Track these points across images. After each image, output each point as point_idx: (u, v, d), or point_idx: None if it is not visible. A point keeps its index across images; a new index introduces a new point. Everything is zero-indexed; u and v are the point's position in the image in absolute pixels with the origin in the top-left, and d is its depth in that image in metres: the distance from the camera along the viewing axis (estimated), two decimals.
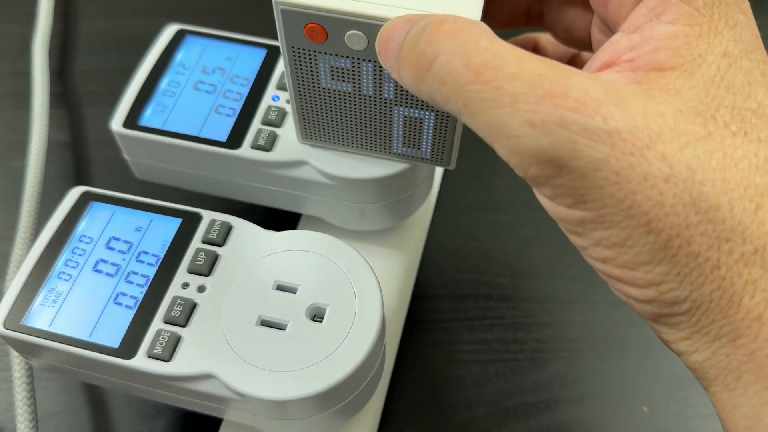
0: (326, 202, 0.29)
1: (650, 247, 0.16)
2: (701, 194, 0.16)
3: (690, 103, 0.17)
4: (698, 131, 0.16)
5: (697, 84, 0.17)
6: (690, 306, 0.17)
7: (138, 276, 0.25)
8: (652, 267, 0.17)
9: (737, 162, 0.16)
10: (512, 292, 0.34)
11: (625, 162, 0.16)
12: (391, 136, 0.25)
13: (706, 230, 0.16)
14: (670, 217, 0.16)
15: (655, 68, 0.17)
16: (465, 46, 0.17)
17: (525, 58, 0.17)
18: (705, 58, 0.17)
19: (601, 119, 0.16)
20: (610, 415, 0.31)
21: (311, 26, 0.21)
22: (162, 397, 0.25)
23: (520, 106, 0.16)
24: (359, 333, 0.23)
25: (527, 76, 0.16)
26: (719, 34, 0.18)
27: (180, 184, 0.30)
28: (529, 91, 0.16)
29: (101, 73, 0.42)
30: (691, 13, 0.18)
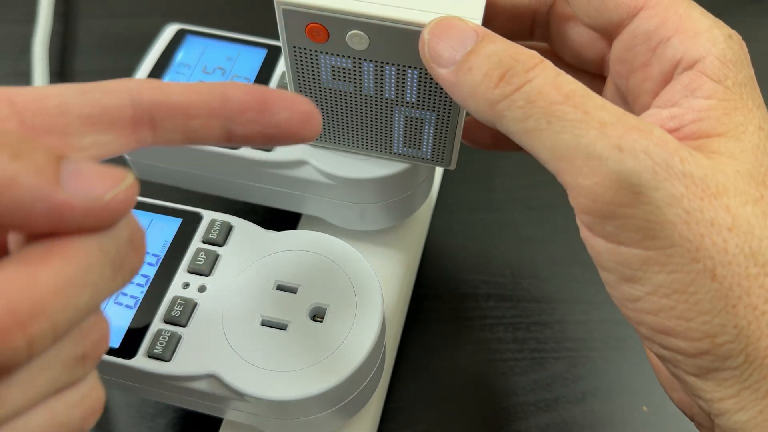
0: (326, 202, 0.29)
1: (712, 294, 0.16)
2: (760, 248, 0.17)
3: (745, 165, 0.18)
4: (753, 192, 0.17)
5: (747, 149, 0.18)
6: (744, 360, 0.17)
7: (138, 276, 0.25)
8: (711, 317, 0.17)
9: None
10: (512, 291, 0.34)
11: (696, 204, 0.16)
12: (392, 137, 0.25)
13: (764, 283, 0.17)
14: (732, 266, 0.16)
15: (703, 135, 0.18)
16: (556, 77, 0.18)
17: (607, 101, 0.18)
18: (746, 128, 0.18)
19: (678, 160, 0.17)
20: (610, 414, 0.31)
21: (313, 26, 0.21)
22: (162, 397, 0.25)
23: (609, 131, 0.17)
24: (359, 333, 0.23)
25: (614, 110, 0.17)
26: (751, 111, 0.19)
27: (180, 184, 0.30)
28: (617, 122, 0.17)
29: (101, 73, 0.42)
30: (723, 91, 0.18)
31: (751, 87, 0.19)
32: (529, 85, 0.18)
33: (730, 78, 0.19)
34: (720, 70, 0.19)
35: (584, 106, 0.17)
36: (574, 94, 0.17)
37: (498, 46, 0.19)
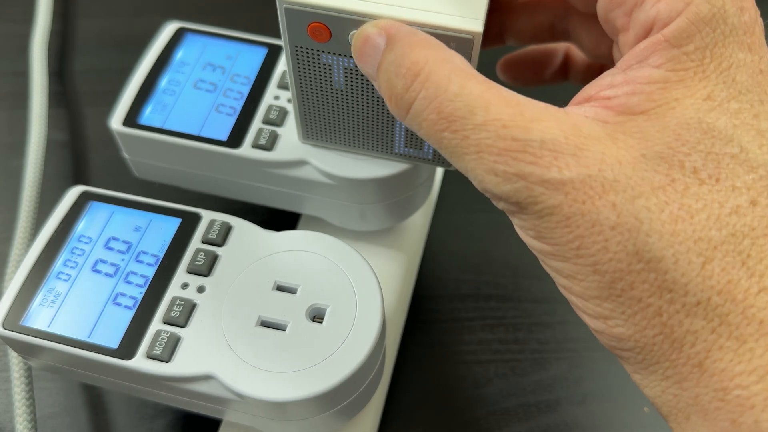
0: (327, 202, 0.29)
1: (597, 284, 0.18)
2: (645, 244, 0.17)
3: (655, 147, 0.17)
4: (657, 179, 0.17)
5: (667, 127, 0.17)
6: (634, 345, 0.18)
7: (137, 276, 0.25)
8: (600, 302, 0.18)
9: (694, 214, 0.17)
10: (513, 292, 0.34)
11: (576, 209, 0.17)
12: (393, 137, 0.25)
13: (648, 278, 0.17)
14: (613, 262, 0.17)
15: (625, 111, 0.18)
16: (436, 94, 0.18)
17: (492, 106, 0.18)
18: (681, 102, 0.18)
19: (556, 170, 0.17)
20: (611, 415, 0.30)
21: (315, 25, 0.21)
22: (161, 398, 0.25)
23: (484, 156, 0.18)
24: (359, 334, 0.23)
25: (492, 128, 0.18)
26: (705, 78, 0.18)
27: (180, 184, 0.30)
28: (493, 143, 0.17)
29: (100, 73, 0.42)
30: (678, 58, 0.18)
31: (724, 44, 0.18)
32: (413, 108, 0.19)
33: (694, 40, 0.18)
34: (684, 32, 0.18)
35: (464, 129, 0.18)
36: (454, 116, 0.18)
37: (390, 56, 0.19)
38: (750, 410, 0.16)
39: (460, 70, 0.18)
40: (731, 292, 0.16)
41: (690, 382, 0.17)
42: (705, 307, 0.17)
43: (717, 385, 0.16)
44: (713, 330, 0.17)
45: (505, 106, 0.18)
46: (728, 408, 0.16)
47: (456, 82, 0.18)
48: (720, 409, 0.16)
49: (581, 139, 0.17)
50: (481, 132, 0.18)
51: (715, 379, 0.17)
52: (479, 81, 0.18)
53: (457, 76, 0.18)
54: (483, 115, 0.18)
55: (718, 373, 0.16)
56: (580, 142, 0.17)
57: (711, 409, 0.17)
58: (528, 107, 0.18)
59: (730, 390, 0.16)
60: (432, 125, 0.18)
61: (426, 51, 0.19)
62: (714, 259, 0.17)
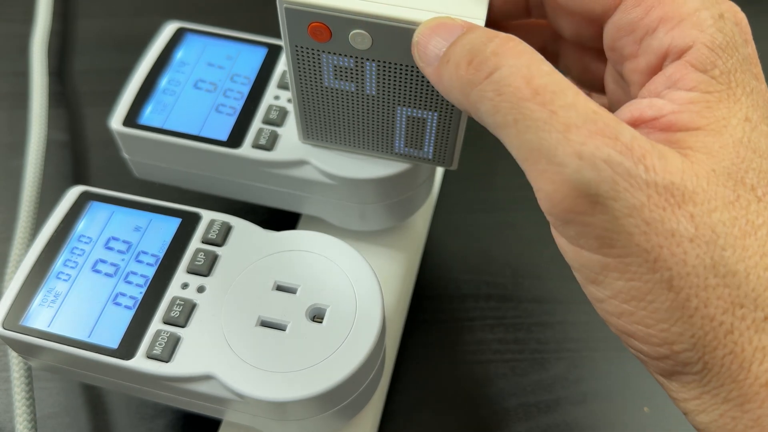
0: (327, 202, 0.29)
1: (669, 304, 0.17)
2: (722, 258, 0.16)
3: (722, 163, 0.17)
4: (728, 195, 0.17)
5: (727, 144, 0.17)
6: (702, 367, 0.17)
7: (137, 276, 0.25)
8: (669, 326, 0.17)
9: (757, 229, 0.17)
10: (513, 292, 0.34)
11: (657, 215, 0.16)
12: (393, 137, 0.25)
13: (723, 294, 0.16)
14: (690, 277, 0.16)
15: (681, 129, 0.18)
16: (529, 66, 0.17)
17: (581, 94, 0.17)
18: (729, 121, 0.18)
19: (643, 168, 0.16)
20: (612, 415, 0.30)
21: (315, 25, 0.21)
22: (161, 398, 0.25)
23: (572, 135, 0.16)
24: (359, 334, 0.23)
25: (583, 110, 0.17)
26: (738, 101, 0.18)
27: (180, 184, 0.30)
28: (582, 124, 0.16)
29: (100, 73, 0.42)
30: (708, 81, 0.18)
31: (742, 71, 0.18)
32: (498, 72, 0.17)
33: (718, 66, 0.18)
34: (707, 58, 0.18)
35: (552, 104, 0.17)
36: (544, 90, 0.17)
37: (474, 34, 0.18)
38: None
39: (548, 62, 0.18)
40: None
41: (754, 403, 0.16)
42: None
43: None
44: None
45: (592, 101, 0.17)
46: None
47: (547, 65, 0.18)
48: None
49: (662, 149, 0.17)
50: (571, 111, 0.17)
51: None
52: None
53: (548, 63, 0.18)
54: (573, 97, 0.17)
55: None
56: (662, 150, 0.17)
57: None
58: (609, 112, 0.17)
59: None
60: (515, 92, 0.17)
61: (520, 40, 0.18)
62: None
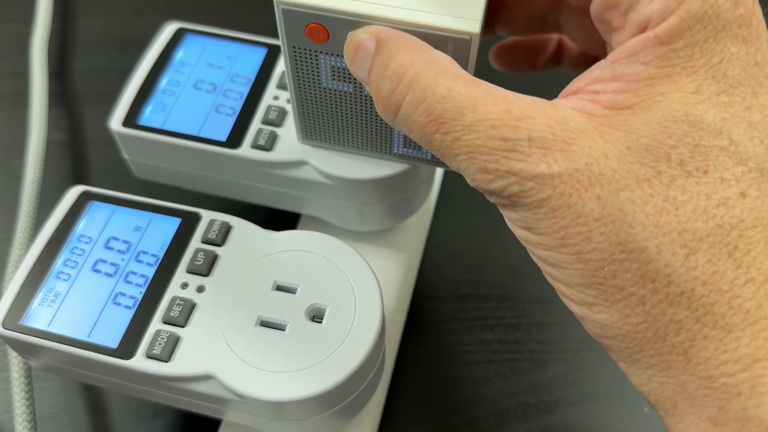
0: (326, 202, 0.29)
1: (580, 272, 0.18)
2: (628, 235, 0.17)
3: (641, 140, 0.18)
4: (643, 172, 0.17)
5: (652, 119, 0.18)
6: (617, 332, 0.18)
7: (137, 276, 0.25)
8: (584, 288, 0.18)
9: (679, 206, 0.17)
10: (512, 292, 0.34)
11: (563, 202, 0.17)
12: (392, 137, 0.25)
13: (631, 268, 0.17)
14: (596, 252, 0.17)
15: (612, 107, 0.18)
16: (423, 96, 0.19)
17: (480, 106, 0.18)
18: (667, 96, 0.18)
19: (545, 166, 0.17)
20: (611, 416, 0.30)
21: (312, 26, 0.21)
22: (161, 398, 0.25)
23: (475, 156, 0.18)
24: (359, 334, 0.23)
25: (482, 128, 0.18)
26: (694, 73, 0.18)
27: (179, 184, 0.30)
28: (483, 143, 0.18)
29: (100, 73, 0.42)
30: (666, 55, 0.18)
31: (716, 39, 0.18)
32: (401, 111, 0.19)
33: (684, 37, 0.18)
34: (674, 29, 0.18)
35: (454, 131, 0.18)
36: (443, 117, 0.18)
37: (378, 60, 0.20)
38: (737, 397, 0.16)
39: (446, 70, 0.19)
40: (716, 283, 0.17)
41: (676, 369, 0.17)
42: (689, 297, 0.17)
43: (703, 373, 0.17)
44: (698, 320, 0.17)
45: (493, 105, 0.18)
46: (715, 395, 0.17)
47: (443, 84, 0.18)
48: (707, 396, 0.17)
49: (568, 134, 0.18)
50: (471, 133, 0.18)
51: (700, 368, 0.17)
52: (466, 80, 0.18)
53: (443, 77, 0.18)
54: (472, 115, 0.18)
55: (703, 361, 0.17)
56: (567, 136, 0.18)
57: (698, 396, 0.17)
58: (516, 104, 0.18)
59: (716, 378, 0.17)
60: (422, 128, 0.19)
61: (411, 53, 0.19)
62: (699, 250, 0.17)
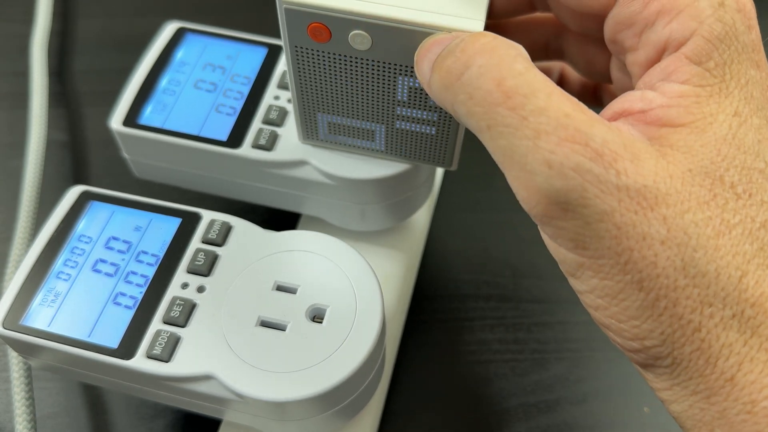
0: (327, 202, 0.29)
1: (639, 303, 0.17)
2: (692, 260, 0.17)
3: (701, 162, 0.17)
4: (703, 194, 0.17)
5: (709, 142, 0.17)
6: (671, 362, 0.17)
7: (137, 276, 0.25)
8: (640, 323, 0.17)
9: (732, 228, 0.17)
10: (513, 292, 0.34)
11: (628, 219, 0.16)
12: (394, 137, 0.25)
13: (692, 294, 0.17)
14: (660, 278, 0.17)
15: (666, 124, 0.18)
16: (499, 65, 0.17)
17: (555, 94, 0.17)
18: (716, 117, 0.18)
19: (614, 173, 0.16)
20: (612, 415, 0.30)
21: (315, 26, 0.21)
22: (161, 398, 0.25)
23: (542, 143, 0.17)
24: (359, 334, 0.23)
25: (554, 114, 0.17)
26: (730, 94, 0.18)
27: (180, 184, 0.30)
28: (553, 131, 0.17)
29: (100, 73, 0.42)
30: (702, 74, 0.18)
31: (739, 62, 0.18)
32: (467, 73, 0.18)
33: (713, 58, 0.18)
34: (702, 50, 0.18)
35: (523, 109, 0.17)
36: (515, 93, 0.17)
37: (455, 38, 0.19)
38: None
39: (525, 56, 0.18)
40: (763, 305, 0.17)
41: (719, 396, 0.17)
42: (739, 320, 0.17)
43: (746, 398, 0.16)
44: (745, 342, 0.17)
45: (568, 100, 0.17)
46: (755, 420, 0.16)
47: (521, 63, 0.17)
48: (746, 421, 0.17)
49: (636, 150, 0.17)
50: (542, 116, 0.17)
51: (744, 392, 0.17)
52: (541, 72, 0.18)
53: (522, 59, 0.18)
54: (545, 99, 0.17)
55: (748, 385, 0.16)
56: (636, 151, 0.17)
57: (737, 422, 0.17)
58: (587, 109, 0.17)
59: (759, 402, 0.16)
60: (486, 96, 0.17)
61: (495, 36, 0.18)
62: (749, 272, 0.17)
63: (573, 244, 0.17)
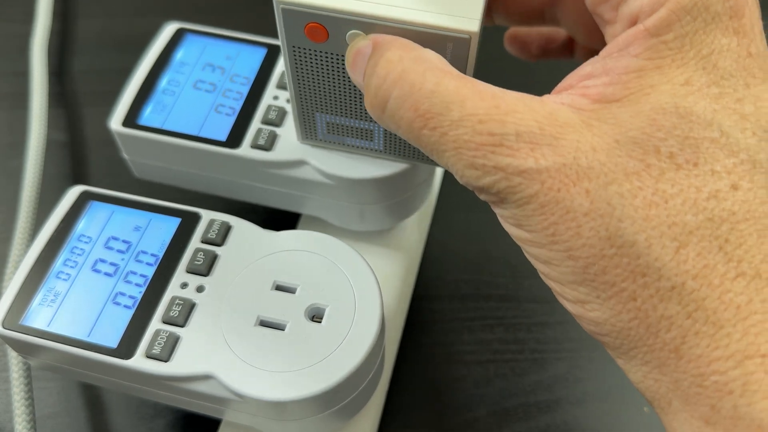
0: (326, 202, 0.29)
1: (571, 269, 0.18)
2: (618, 230, 0.17)
3: (630, 132, 0.17)
4: (631, 165, 0.17)
5: (641, 111, 0.17)
6: (611, 329, 0.18)
7: (137, 276, 0.25)
8: (576, 286, 0.18)
9: (668, 199, 0.17)
10: (513, 292, 0.34)
11: (551, 197, 0.17)
12: (392, 136, 0.25)
13: (621, 263, 0.17)
14: (586, 248, 0.17)
15: (601, 100, 0.18)
16: (411, 93, 0.19)
17: (468, 101, 0.18)
18: (656, 88, 0.18)
19: (533, 161, 0.17)
20: (611, 415, 0.30)
21: (312, 26, 0.21)
22: (161, 398, 0.25)
23: (463, 151, 0.18)
24: (358, 333, 0.23)
25: (469, 123, 0.18)
26: (684, 65, 0.18)
27: (179, 184, 0.30)
28: (470, 138, 0.18)
29: (100, 73, 0.42)
30: (656, 47, 0.18)
31: (706, 31, 0.18)
32: (388, 107, 0.19)
33: (674, 29, 0.18)
34: (663, 22, 0.18)
35: (441, 126, 0.18)
36: (431, 114, 0.18)
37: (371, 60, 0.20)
38: (728, 395, 0.16)
39: (435, 67, 0.19)
40: (707, 277, 0.16)
41: (668, 367, 0.17)
42: (680, 292, 0.17)
43: (695, 371, 0.17)
44: (689, 315, 0.16)
45: (480, 101, 0.18)
46: (707, 393, 0.16)
47: (431, 79, 0.18)
48: (699, 395, 0.17)
49: (556, 128, 0.18)
50: (459, 128, 0.18)
51: (692, 365, 0.17)
52: (454, 77, 0.18)
53: (431, 73, 0.18)
54: (459, 110, 0.18)
55: (695, 359, 0.17)
56: (555, 131, 0.18)
57: (691, 395, 0.17)
58: (503, 99, 0.18)
59: (708, 376, 0.16)
60: (409, 123, 0.19)
61: (400, 51, 0.19)
62: (689, 243, 0.17)
63: (512, 221, 0.19)
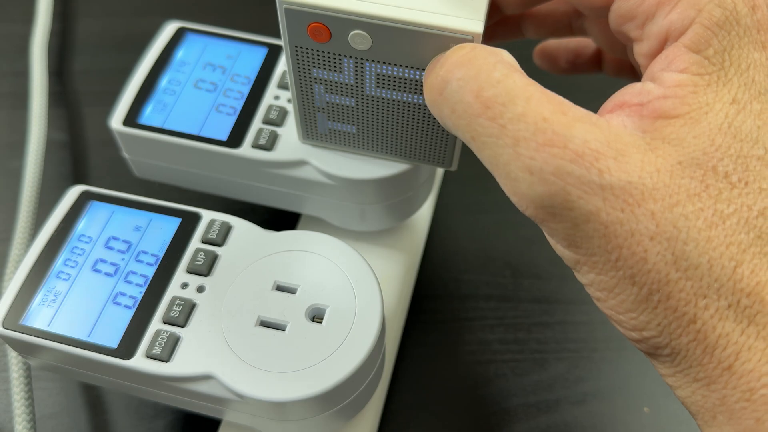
0: (327, 202, 0.29)
1: (634, 297, 0.17)
2: (683, 253, 0.17)
3: (692, 153, 0.17)
4: (693, 186, 0.17)
5: (702, 132, 0.17)
6: (670, 351, 0.18)
7: (137, 276, 0.25)
8: (636, 315, 0.18)
9: (725, 219, 0.17)
10: (513, 292, 0.34)
11: (615, 217, 0.17)
12: (394, 137, 0.25)
13: (685, 287, 0.17)
14: (652, 273, 0.17)
15: (661, 116, 0.18)
16: (477, 77, 0.18)
17: (534, 98, 0.17)
18: (712, 106, 0.18)
19: (596, 173, 0.17)
20: (611, 415, 0.30)
21: (315, 26, 0.21)
22: (161, 398, 0.25)
23: (521, 150, 0.17)
24: (359, 334, 0.23)
25: (532, 119, 0.17)
26: (729, 82, 0.18)
27: (180, 183, 0.30)
28: (531, 137, 0.17)
29: (100, 73, 0.42)
30: (700, 62, 0.18)
31: (740, 46, 0.18)
32: (448, 88, 0.18)
33: (713, 45, 0.18)
34: (701, 38, 0.18)
35: (501, 118, 0.17)
36: (493, 102, 0.17)
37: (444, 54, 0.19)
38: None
39: (506, 62, 0.18)
40: (759, 294, 0.17)
41: (718, 384, 0.17)
42: (735, 310, 0.17)
43: (744, 386, 0.17)
44: (742, 332, 0.17)
45: (548, 102, 0.17)
46: (753, 407, 0.17)
47: (500, 69, 0.18)
48: (745, 409, 0.17)
49: (622, 146, 0.17)
50: (520, 123, 0.17)
51: (743, 381, 0.17)
52: (524, 75, 0.18)
53: (502, 65, 0.18)
54: (524, 105, 0.17)
55: (746, 374, 0.17)
56: (621, 147, 0.17)
57: (737, 409, 0.17)
58: (570, 107, 0.18)
59: (757, 390, 0.16)
60: (467, 109, 0.18)
61: (475, 45, 0.19)
62: (744, 262, 0.17)
63: (566, 242, 0.18)
